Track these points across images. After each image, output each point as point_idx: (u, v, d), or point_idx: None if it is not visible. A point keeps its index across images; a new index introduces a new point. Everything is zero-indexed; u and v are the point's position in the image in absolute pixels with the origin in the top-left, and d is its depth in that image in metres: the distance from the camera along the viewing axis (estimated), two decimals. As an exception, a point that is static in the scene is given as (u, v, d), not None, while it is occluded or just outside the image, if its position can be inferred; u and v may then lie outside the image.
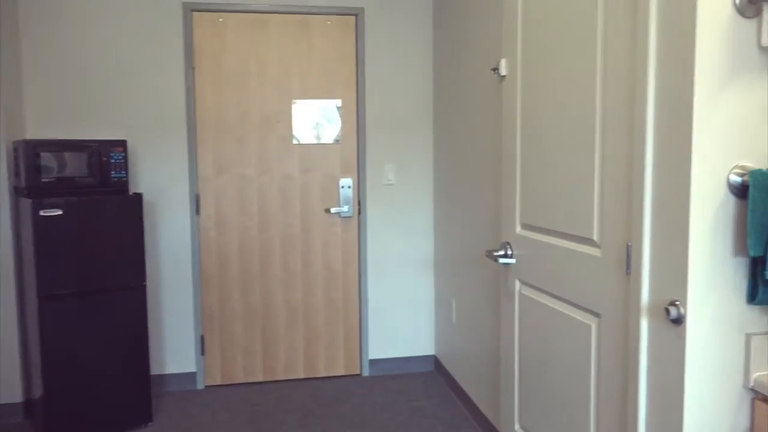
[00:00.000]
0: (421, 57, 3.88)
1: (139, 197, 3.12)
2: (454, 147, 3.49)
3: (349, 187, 3.84)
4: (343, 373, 3.95)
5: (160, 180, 3.64)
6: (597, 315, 1.78)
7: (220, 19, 3.64)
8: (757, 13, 1.36)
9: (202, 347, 3.76)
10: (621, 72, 1.62)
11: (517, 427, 2.33)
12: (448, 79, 3.58)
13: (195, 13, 3.61)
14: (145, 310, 3.15)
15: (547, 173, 2.02)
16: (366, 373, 3.96)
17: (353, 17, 3.77)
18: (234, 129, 3.71)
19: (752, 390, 1.43)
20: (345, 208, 3.83)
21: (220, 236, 3.74)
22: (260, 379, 3.86)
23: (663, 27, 1.45)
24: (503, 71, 2.31)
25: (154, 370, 3.70)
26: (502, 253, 2.31)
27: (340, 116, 3.80)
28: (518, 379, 2.30)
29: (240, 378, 3.83)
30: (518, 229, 2.25)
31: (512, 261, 2.28)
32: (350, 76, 3.80)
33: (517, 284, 2.27)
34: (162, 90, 3.60)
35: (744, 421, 1.44)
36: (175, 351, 3.73)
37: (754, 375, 1.41)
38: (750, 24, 1.37)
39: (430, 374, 3.97)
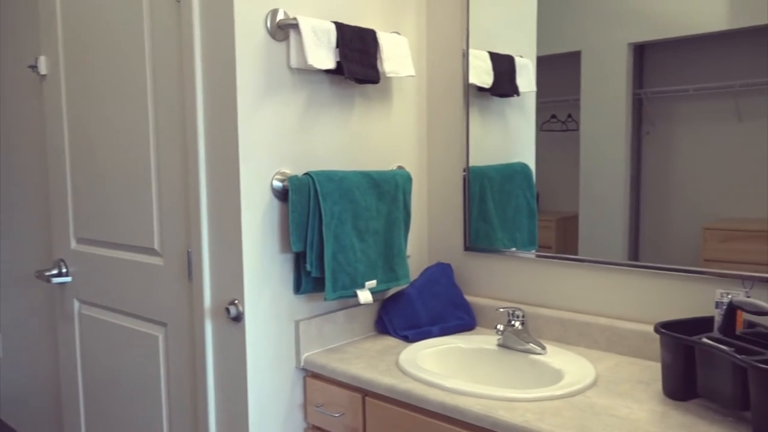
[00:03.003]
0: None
1: None
2: (-12, 154, 2.99)
3: None
4: None
5: None
6: (164, 324, 1.76)
7: None
8: (286, 38, 1.55)
9: None
10: (172, 84, 1.63)
11: (86, 458, 2.15)
12: (-26, 75, 3.04)
13: None
14: None
15: (104, 183, 1.91)
16: None
17: None
18: None
19: (303, 369, 1.63)
20: None
21: None
22: None
23: (207, 46, 1.52)
24: (43, 70, 2.08)
25: None
26: (55, 272, 2.09)
27: None
28: (84, 406, 2.12)
29: None
30: (73, 244, 2.07)
31: (68, 279, 2.09)
32: None
33: (77, 304, 2.09)
34: None
35: (299, 396, 1.64)
36: None
37: (304, 355, 1.61)
38: (281, 47, 1.55)
39: (-25, 424, 3.34)
